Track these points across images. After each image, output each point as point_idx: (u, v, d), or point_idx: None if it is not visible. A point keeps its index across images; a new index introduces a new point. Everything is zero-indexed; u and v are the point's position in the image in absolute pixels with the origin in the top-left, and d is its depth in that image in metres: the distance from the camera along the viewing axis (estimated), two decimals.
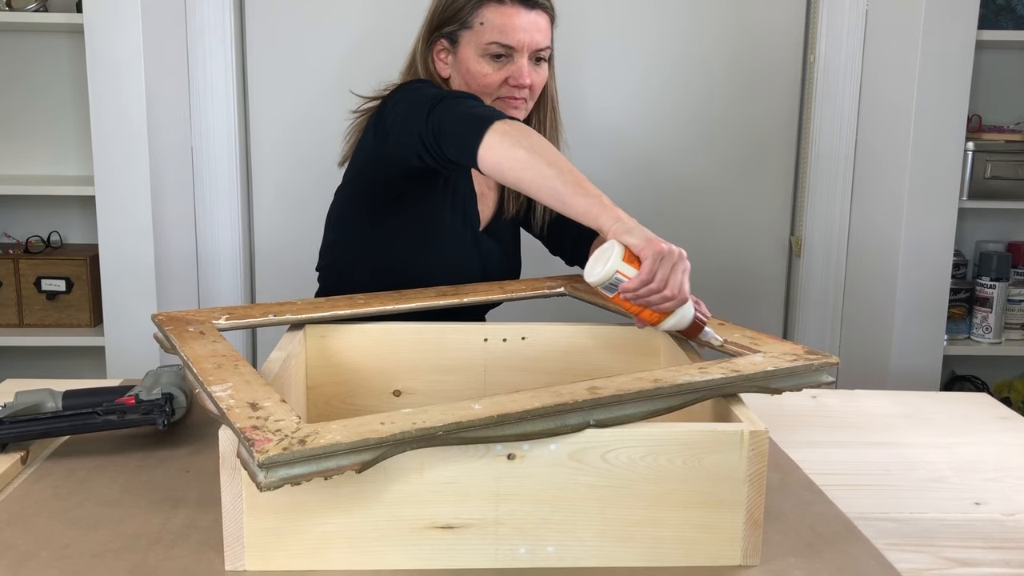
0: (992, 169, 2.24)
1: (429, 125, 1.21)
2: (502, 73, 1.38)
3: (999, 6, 2.28)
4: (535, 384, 1.21)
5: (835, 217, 2.34)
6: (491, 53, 1.37)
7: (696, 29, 2.34)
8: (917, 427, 1.28)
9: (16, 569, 0.84)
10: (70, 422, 1.08)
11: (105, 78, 2.05)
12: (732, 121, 2.39)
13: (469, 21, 1.38)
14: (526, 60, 1.38)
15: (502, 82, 1.38)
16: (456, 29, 1.39)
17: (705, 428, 0.85)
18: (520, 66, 1.38)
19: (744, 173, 2.41)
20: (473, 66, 1.38)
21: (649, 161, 2.39)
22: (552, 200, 1.08)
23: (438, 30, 1.42)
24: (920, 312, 2.25)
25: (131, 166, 2.08)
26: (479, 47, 1.37)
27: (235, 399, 0.84)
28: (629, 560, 0.87)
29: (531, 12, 1.37)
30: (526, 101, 1.42)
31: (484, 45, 1.37)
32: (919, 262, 2.22)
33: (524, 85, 1.39)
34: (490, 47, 1.37)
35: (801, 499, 1.02)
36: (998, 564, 0.90)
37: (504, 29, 1.36)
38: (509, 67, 1.38)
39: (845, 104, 2.28)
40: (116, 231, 2.11)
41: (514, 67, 1.38)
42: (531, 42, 1.37)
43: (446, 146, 1.20)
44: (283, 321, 1.17)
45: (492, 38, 1.36)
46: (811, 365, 0.99)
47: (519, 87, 1.39)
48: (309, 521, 0.83)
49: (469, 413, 0.80)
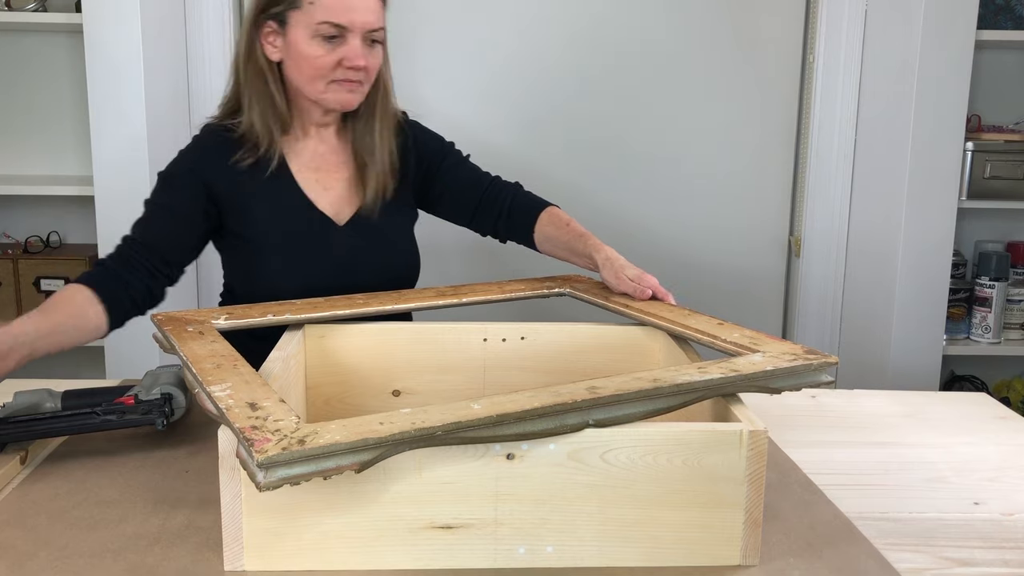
0: (991, 169, 2.24)
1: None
2: (335, 55, 1.33)
3: (999, 6, 2.28)
4: (534, 384, 1.21)
5: (834, 217, 2.34)
6: (323, 34, 1.32)
7: (696, 29, 2.34)
8: (916, 427, 1.28)
9: (15, 569, 0.84)
10: (69, 422, 1.07)
11: (104, 78, 2.05)
12: (732, 121, 2.39)
13: (299, 1, 1.32)
14: (360, 41, 1.33)
15: (336, 64, 1.33)
16: (284, 9, 1.34)
17: (704, 428, 0.85)
18: (353, 47, 1.33)
19: (744, 173, 2.41)
20: (304, 48, 1.33)
21: (649, 161, 2.39)
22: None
23: (265, 11, 1.36)
24: (919, 312, 2.25)
25: (130, 166, 2.08)
26: (310, 27, 1.32)
27: (234, 399, 0.84)
28: (628, 560, 0.86)
29: None
30: (362, 84, 1.37)
31: (315, 25, 1.31)
32: (918, 262, 2.22)
33: (360, 67, 1.34)
34: (321, 27, 1.31)
35: (800, 499, 1.02)
36: (997, 564, 0.90)
37: (335, 8, 1.31)
38: (342, 48, 1.33)
39: (845, 104, 2.28)
40: (116, 231, 2.08)
41: (347, 48, 1.33)
42: (364, 22, 1.33)
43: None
44: (282, 321, 1.17)
45: (323, 17, 1.31)
46: (810, 365, 0.99)
47: (355, 69, 1.34)
48: (308, 521, 0.83)
49: (468, 413, 0.80)
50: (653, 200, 2.41)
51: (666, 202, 2.41)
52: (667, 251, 2.43)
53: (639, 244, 2.39)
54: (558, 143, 2.38)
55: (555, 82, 2.34)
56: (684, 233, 2.42)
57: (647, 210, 2.41)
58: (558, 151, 2.38)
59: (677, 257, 2.43)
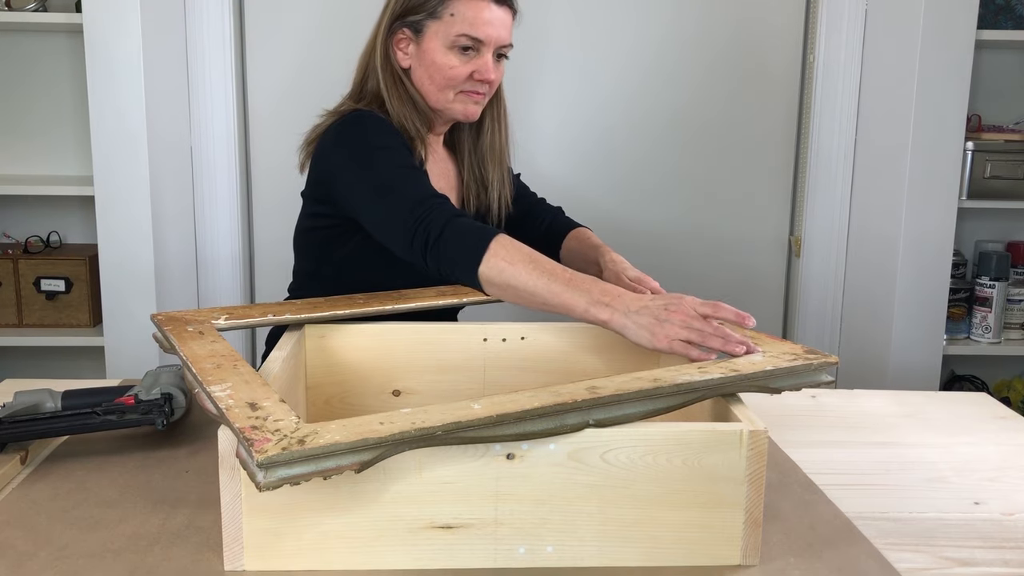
0: (991, 169, 2.24)
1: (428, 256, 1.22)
2: (468, 67, 1.37)
3: (999, 6, 2.28)
4: (534, 384, 1.21)
5: (835, 217, 2.34)
6: (460, 45, 1.36)
7: (696, 28, 2.34)
8: (916, 427, 1.28)
9: (15, 569, 0.84)
10: (69, 422, 1.07)
11: (104, 78, 2.05)
12: (732, 121, 2.39)
13: (438, 11, 1.36)
14: (491, 55, 1.38)
15: (467, 76, 1.38)
16: (423, 19, 1.37)
17: (704, 428, 0.85)
18: (486, 60, 1.38)
19: (743, 173, 2.41)
20: (439, 58, 1.37)
21: (648, 161, 2.39)
22: (559, 308, 1.12)
23: (401, 18, 1.39)
24: (919, 312, 2.25)
25: (130, 166, 2.09)
26: (447, 39, 1.36)
27: (234, 399, 0.84)
28: (628, 560, 0.86)
29: (500, 8, 1.37)
30: (485, 97, 1.42)
31: (453, 37, 1.36)
32: (918, 262, 2.22)
33: (489, 80, 1.39)
34: (459, 39, 1.35)
35: (800, 499, 1.02)
36: (997, 564, 0.90)
37: (475, 22, 1.35)
38: (476, 61, 1.37)
39: (845, 104, 2.28)
40: (115, 231, 2.11)
41: (480, 61, 1.37)
42: (498, 37, 1.37)
43: (446, 268, 1.21)
44: (282, 321, 1.17)
45: (462, 30, 1.35)
46: (810, 365, 0.99)
47: (483, 82, 1.39)
48: (308, 521, 0.83)
49: (468, 413, 0.80)
50: (653, 200, 2.41)
51: (666, 202, 2.41)
52: (667, 250, 2.43)
53: (639, 244, 2.39)
54: (557, 143, 2.38)
55: (553, 81, 2.34)
56: (684, 233, 2.42)
57: (647, 210, 2.41)
58: (556, 150, 2.38)
59: (677, 257, 2.43)
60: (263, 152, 2.37)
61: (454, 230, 1.20)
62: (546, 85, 2.35)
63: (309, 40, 2.31)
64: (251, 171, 2.38)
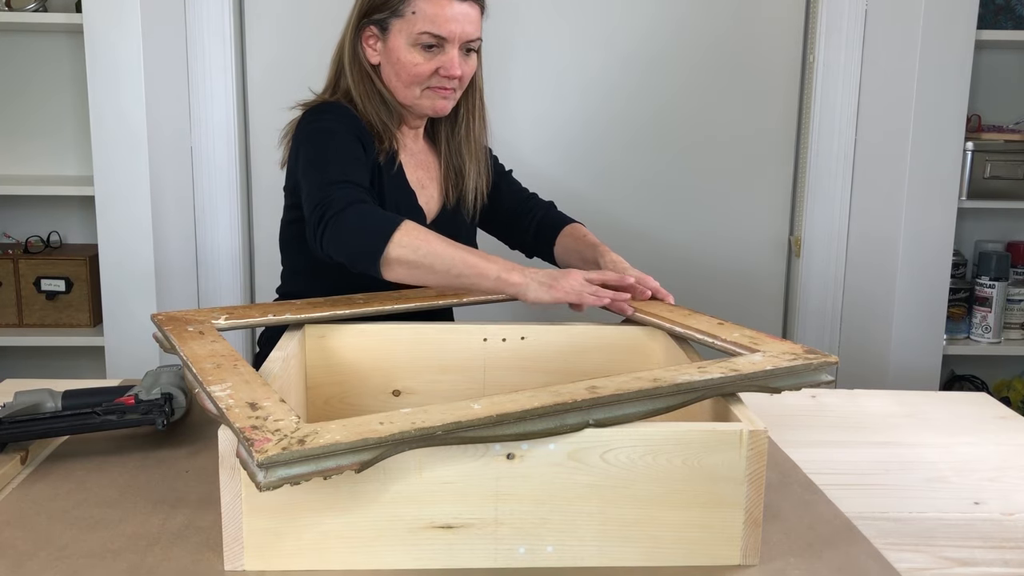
0: (991, 169, 2.24)
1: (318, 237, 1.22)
2: (433, 63, 1.37)
3: (999, 6, 2.28)
4: (534, 384, 1.21)
5: (834, 217, 2.34)
6: (422, 43, 1.36)
7: (695, 28, 2.34)
8: (916, 427, 1.28)
9: (15, 569, 0.84)
10: (69, 422, 1.07)
11: (105, 78, 2.05)
12: (731, 121, 2.39)
13: (400, 9, 1.36)
14: (457, 51, 1.38)
15: (432, 72, 1.38)
16: (387, 17, 1.38)
17: (704, 428, 0.85)
18: (451, 57, 1.37)
19: (743, 173, 2.41)
20: (403, 55, 1.37)
21: (648, 161, 2.39)
22: (471, 278, 1.18)
23: (368, 16, 1.40)
24: (919, 312, 2.25)
25: (130, 166, 2.09)
26: (410, 36, 1.36)
27: (234, 399, 0.84)
28: (628, 560, 0.87)
29: (463, 3, 1.36)
30: (454, 91, 1.42)
31: (416, 35, 1.36)
32: (918, 262, 2.22)
33: (455, 76, 1.38)
34: (421, 37, 1.36)
35: (800, 499, 1.02)
36: (997, 564, 0.90)
37: (436, 19, 1.35)
38: (440, 57, 1.37)
39: (844, 104, 2.28)
40: (115, 231, 2.11)
41: (445, 58, 1.37)
42: (462, 33, 1.37)
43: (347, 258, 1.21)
44: (282, 321, 1.17)
45: (424, 28, 1.35)
46: (810, 364, 0.99)
47: (449, 78, 1.38)
48: (308, 521, 0.83)
49: (468, 413, 0.80)
50: (653, 200, 2.41)
51: (666, 202, 2.41)
52: (667, 250, 2.43)
53: (639, 244, 2.39)
54: (554, 142, 2.38)
55: (552, 81, 2.35)
56: (684, 233, 2.42)
57: (647, 210, 2.41)
58: (555, 150, 2.38)
59: (677, 256, 2.43)
60: (263, 152, 2.36)
61: (357, 212, 1.21)
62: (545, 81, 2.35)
63: (309, 40, 2.31)
64: (251, 171, 2.37)
